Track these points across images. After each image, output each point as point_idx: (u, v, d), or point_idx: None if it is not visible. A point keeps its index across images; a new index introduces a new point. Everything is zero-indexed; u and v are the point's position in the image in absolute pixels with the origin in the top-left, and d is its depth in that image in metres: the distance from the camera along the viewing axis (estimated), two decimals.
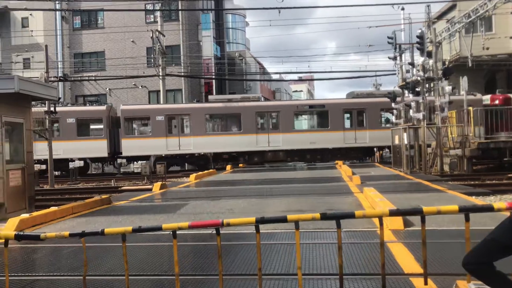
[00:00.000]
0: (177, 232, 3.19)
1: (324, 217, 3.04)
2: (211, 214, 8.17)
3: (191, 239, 6.11)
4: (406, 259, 4.57)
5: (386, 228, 5.43)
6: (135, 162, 24.16)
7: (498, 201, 10.30)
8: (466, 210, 2.90)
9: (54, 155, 20.59)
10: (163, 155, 24.35)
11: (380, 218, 3.00)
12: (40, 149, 21.29)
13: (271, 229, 6.48)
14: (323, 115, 25.45)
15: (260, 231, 3.19)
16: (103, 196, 10.33)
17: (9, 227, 7.20)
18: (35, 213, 7.88)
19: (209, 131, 25.22)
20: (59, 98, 26.19)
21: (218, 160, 25.76)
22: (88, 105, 28.16)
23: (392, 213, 2.88)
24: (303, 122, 27.52)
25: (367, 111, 25.02)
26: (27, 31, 34.29)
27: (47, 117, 19.06)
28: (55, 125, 23.39)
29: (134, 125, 25.78)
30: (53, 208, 8.42)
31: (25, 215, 7.55)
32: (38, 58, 31.78)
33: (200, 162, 25.46)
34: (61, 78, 24.95)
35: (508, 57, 27.76)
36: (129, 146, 24.07)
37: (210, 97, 27.81)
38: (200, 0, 33.75)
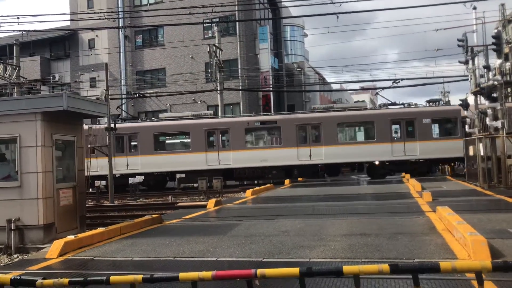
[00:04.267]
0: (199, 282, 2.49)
1: (396, 269, 2.20)
2: (263, 237, 7.44)
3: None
4: None
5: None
6: None
7: None
8: None
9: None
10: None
11: (479, 274, 2.10)
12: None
13: (329, 258, 5.63)
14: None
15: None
16: (154, 215, 9.94)
17: (54, 250, 6.91)
18: (81, 235, 7.58)
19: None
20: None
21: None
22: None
23: (498, 268, 2.00)
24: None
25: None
26: (93, 51, 35.89)
27: (107, 133, 19.35)
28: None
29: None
30: (100, 229, 8.10)
31: (70, 237, 7.24)
32: (102, 77, 33.02)
33: None
34: (124, 96, 25.53)
35: None
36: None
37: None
38: (257, 10, 33.57)
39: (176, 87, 32.15)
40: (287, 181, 22.00)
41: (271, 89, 33.06)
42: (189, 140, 24.39)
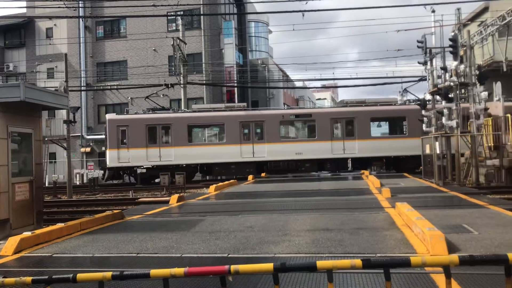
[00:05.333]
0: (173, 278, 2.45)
1: (368, 264, 2.25)
2: (228, 233, 7.43)
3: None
4: None
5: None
6: None
7: None
8: None
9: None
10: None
11: (447, 269, 2.18)
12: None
13: (294, 253, 5.70)
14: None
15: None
16: (115, 211, 9.71)
17: (9, 247, 6.62)
18: (38, 231, 7.30)
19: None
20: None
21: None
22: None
23: (464, 262, 2.09)
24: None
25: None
26: (51, 40, 34.58)
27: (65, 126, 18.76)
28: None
29: None
30: (59, 225, 7.83)
31: (27, 233, 6.97)
32: (61, 68, 31.92)
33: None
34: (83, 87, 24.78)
35: None
36: None
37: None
38: (222, 5, 33.36)
39: (138, 80, 31.52)
40: (250, 177, 22.05)
41: (236, 84, 33.00)
42: (223, 132, 24.22)
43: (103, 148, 30.44)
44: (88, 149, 33.16)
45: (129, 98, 32.96)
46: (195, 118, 24.38)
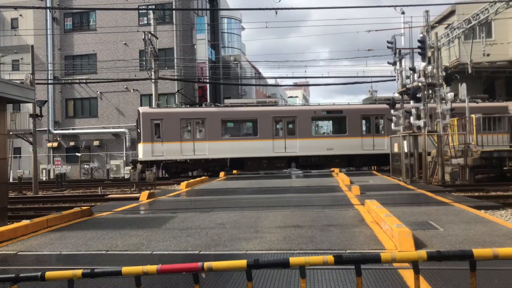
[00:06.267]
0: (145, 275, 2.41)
1: (340, 260, 2.29)
2: (199, 230, 7.40)
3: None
4: None
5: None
6: None
7: (510, 216, 9.61)
8: None
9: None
10: None
11: (415, 265, 2.25)
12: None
13: (265, 250, 5.74)
14: None
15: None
16: (83, 207, 9.51)
17: None
18: (2, 228, 7.07)
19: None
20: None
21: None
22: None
23: (432, 257, 2.15)
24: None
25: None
26: (16, 31, 33.43)
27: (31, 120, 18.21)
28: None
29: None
30: (24, 222, 7.61)
31: None
32: (27, 60, 30.92)
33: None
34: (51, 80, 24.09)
35: (507, 64, 27.21)
36: None
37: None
38: (194, 0, 33.06)
39: (108, 74, 30.89)
40: (221, 174, 22.01)
41: (208, 80, 32.81)
42: (256, 127, 24.32)
43: (69, 144, 29.83)
44: (55, 144, 32.30)
45: (98, 92, 32.28)
46: (229, 113, 24.62)
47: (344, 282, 4.21)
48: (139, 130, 24.00)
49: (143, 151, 23.34)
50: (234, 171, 24.09)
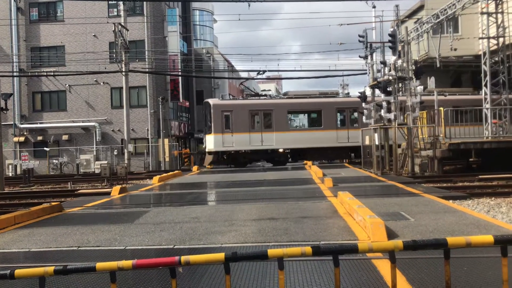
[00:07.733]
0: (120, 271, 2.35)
1: (318, 251, 2.30)
2: (173, 224, 7.33)
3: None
4: None
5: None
6: None
7: (476, 205, 9.92)
8: (504, 242, 2.22)
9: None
10: None
11: (392, 254, 2.27)
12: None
13: (240, 243, 5.73)
14: None
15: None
16: (53, 203, 9.27)
17: None
18: None
19: None
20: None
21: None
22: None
23: (408, 247, 2.19)
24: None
25: None
26: None
27: None
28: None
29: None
30: None
31: None
32: None
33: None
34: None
35: (473, 58, 27.98)
36: None
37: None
38: None
39: (77, 67, 30.06)
40: (195, 168, 21.89)
41: (180, 73, 32.42)
42: (321, 118, 24.72)
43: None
44: (22, 139, 31.31)
45: (67, 85, 31.40)
46: (295, 105, 25.14)
47: (319, 273, 4.25)
48: (209, 122, 24.39)
49: (214, 142, 23.78)
50: (208, 166, 24.00)
